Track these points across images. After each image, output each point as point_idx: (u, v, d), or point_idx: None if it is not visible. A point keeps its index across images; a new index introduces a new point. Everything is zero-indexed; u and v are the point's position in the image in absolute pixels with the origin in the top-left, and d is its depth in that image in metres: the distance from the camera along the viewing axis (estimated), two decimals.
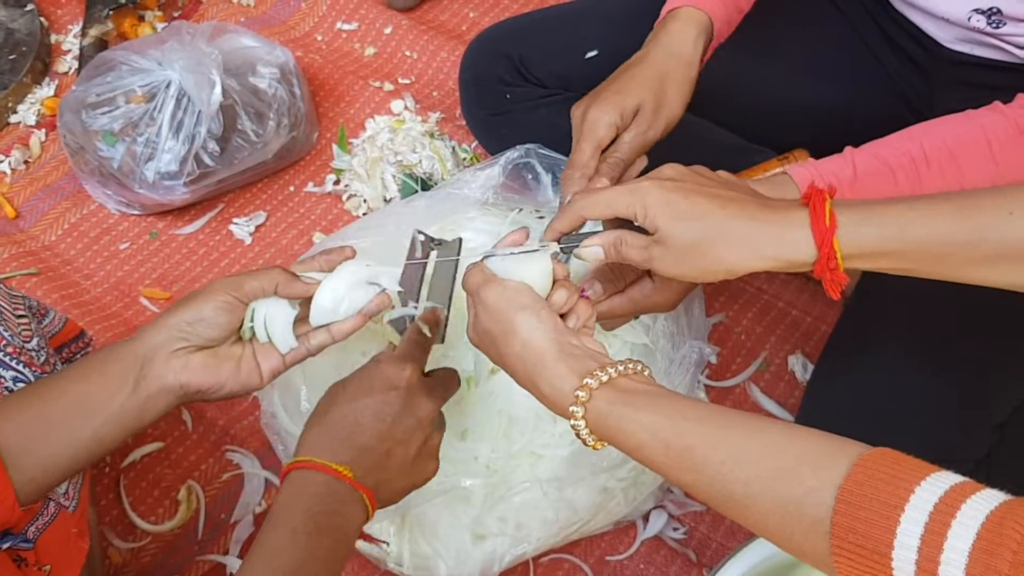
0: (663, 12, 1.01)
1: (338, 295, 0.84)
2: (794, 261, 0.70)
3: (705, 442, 0.64)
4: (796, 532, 0.59)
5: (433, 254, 0.91)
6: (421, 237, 0.90)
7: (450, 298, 0.90)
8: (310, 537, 0.73)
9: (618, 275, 0.84)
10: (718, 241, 0.71)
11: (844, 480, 0.57)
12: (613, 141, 0.94)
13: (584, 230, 0.86)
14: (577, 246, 0.79)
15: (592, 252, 0.77)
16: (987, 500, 0.53)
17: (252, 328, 0.83)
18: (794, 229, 0.70)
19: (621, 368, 0.70)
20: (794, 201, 0.73)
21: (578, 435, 0.70)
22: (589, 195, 0.77)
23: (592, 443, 0.70)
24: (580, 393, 0.68)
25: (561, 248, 0.80)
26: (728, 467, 0.62)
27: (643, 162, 0.98)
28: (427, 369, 0.86)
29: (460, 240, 0.92)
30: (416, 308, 0.89)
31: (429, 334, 0.86)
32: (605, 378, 0.69)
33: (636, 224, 0.75)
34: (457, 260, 0.90)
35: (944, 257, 0.69)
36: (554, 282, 0.78)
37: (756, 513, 0.61)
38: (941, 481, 0.55)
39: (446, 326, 0.89)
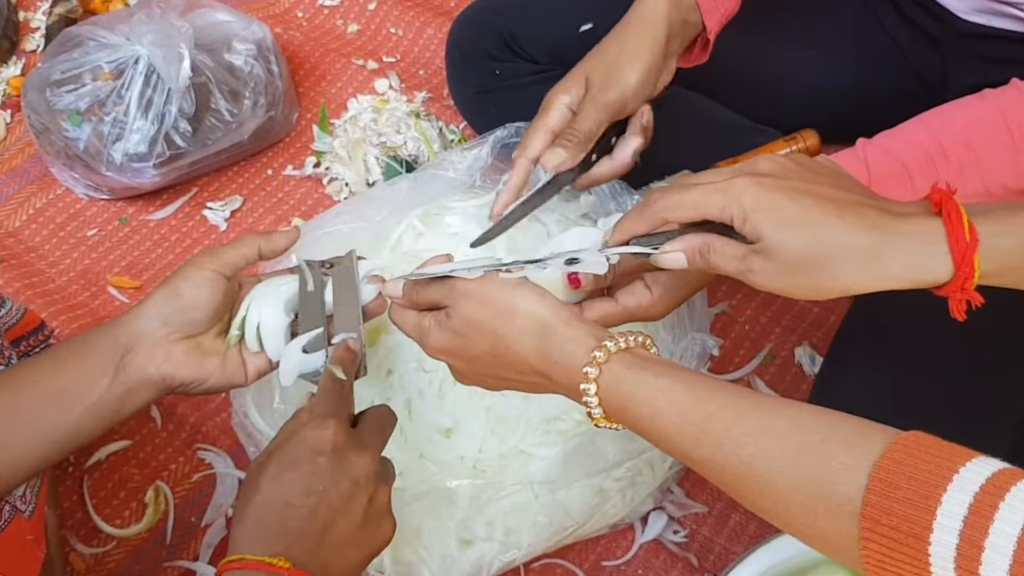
0: None
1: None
2: (925, 281, 0.61)
3: (726, 412, 0.59)
4: (821, 514, 0.54)
5: (328, 281, 0.82)
6: (307, 264, 0.82)
7: (360, 321, 0.81)
8: None
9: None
10: (836, 256, 0.61)
11: (880, 458, 0.52)
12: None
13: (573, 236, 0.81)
14: (651, 251, 0.69)
15: (673, 259, 0.68)
16: None
17: (238, 335, 0.79)
18: (927, 244, 0.60)
19: (638, 339, 0.65)
20: (920, 206, 0.64)
21: (585, 403, 0.65)
22: (672, 194, 0.67)
23: (598, 415, 0.65)
24: (598, 354, 0.63)
25: (634, 253, 0.71)
26: (750, 439, 0.57)
27: (636, 140, 0.95)
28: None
29: (353, 252, 0.84)
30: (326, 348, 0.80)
31: (345, 376, 0.76)
32: (623, 344, 0.64)
33: (718, 226, 0.66)
34: (355, 277, 0.82)
35: None
36: None
37: (777, 492, 0.56)
38: (987, 464, 0.50)
39: (364, 354, 0.80)
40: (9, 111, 1.48)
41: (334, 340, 0.80)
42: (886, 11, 1.11)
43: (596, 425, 0.66)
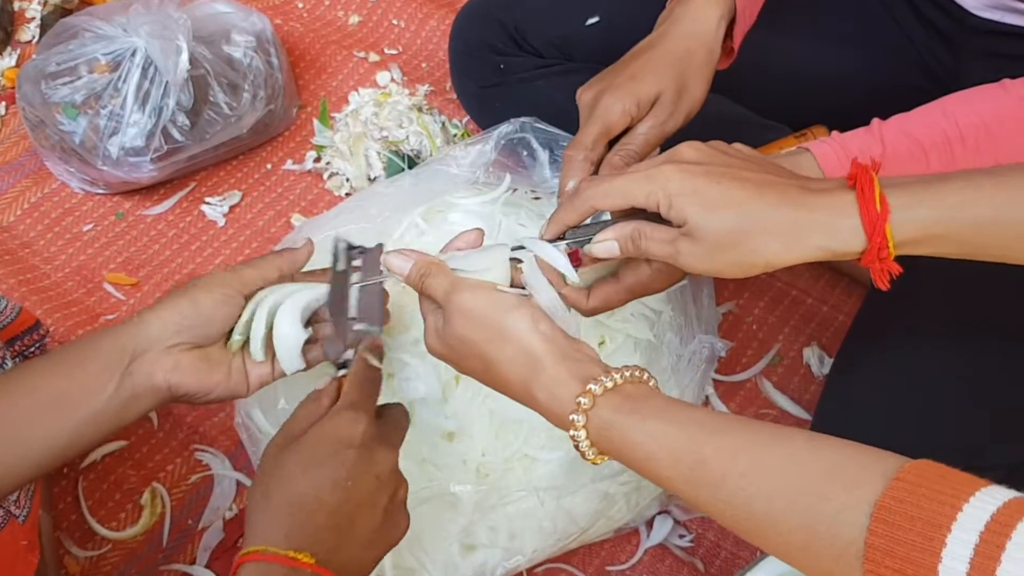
0: None
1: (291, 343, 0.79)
2: (842, 251, 0.64)
3: (721, 454, 0.58)
4: (824, 556, 0.53)
5: (356, 266, 0.82)
6: (343, 245, 0.82)
7: (383, 313, 0.80)
8: None
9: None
10: (757, 232, 0.64)
11: (880, 497, 0.50)
12: (626, 131, 0.86)
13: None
14: (586, 240, 0.71)
15: (606, 248, 0.70)
16: None
17: (241, 340, 0.78)
18: (841, 216, 0.63)
19: (627, 374, 0.64)
20: (838, 182, 0.66)
21: (577, 447, 0.64)
22: (600, 183, 0.69)
23: (592, 456, 0.64)
24: (583, 400, 0.62)
25: (567, 243, 0.72)
26: (748, 480, 0.56)
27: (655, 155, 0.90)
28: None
29: (381, 246, 0.83)
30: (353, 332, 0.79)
31: (378, 363, 0.76)
32: (610, 384, 0.63)
33: (651, 213, 0.67)
34: (381, 269, 0.81)
35: (1011, 239, 0.62)
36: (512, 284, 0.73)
37: (778, 534, 0.55)
38: (992, 497, 0.48)
39: (383, 346, 0.80)
40: (3, 103, 1.46)
41: (356, 327, 0.79)
42: (899, 7, 1.09)
43: (593, 464, 0.65)
